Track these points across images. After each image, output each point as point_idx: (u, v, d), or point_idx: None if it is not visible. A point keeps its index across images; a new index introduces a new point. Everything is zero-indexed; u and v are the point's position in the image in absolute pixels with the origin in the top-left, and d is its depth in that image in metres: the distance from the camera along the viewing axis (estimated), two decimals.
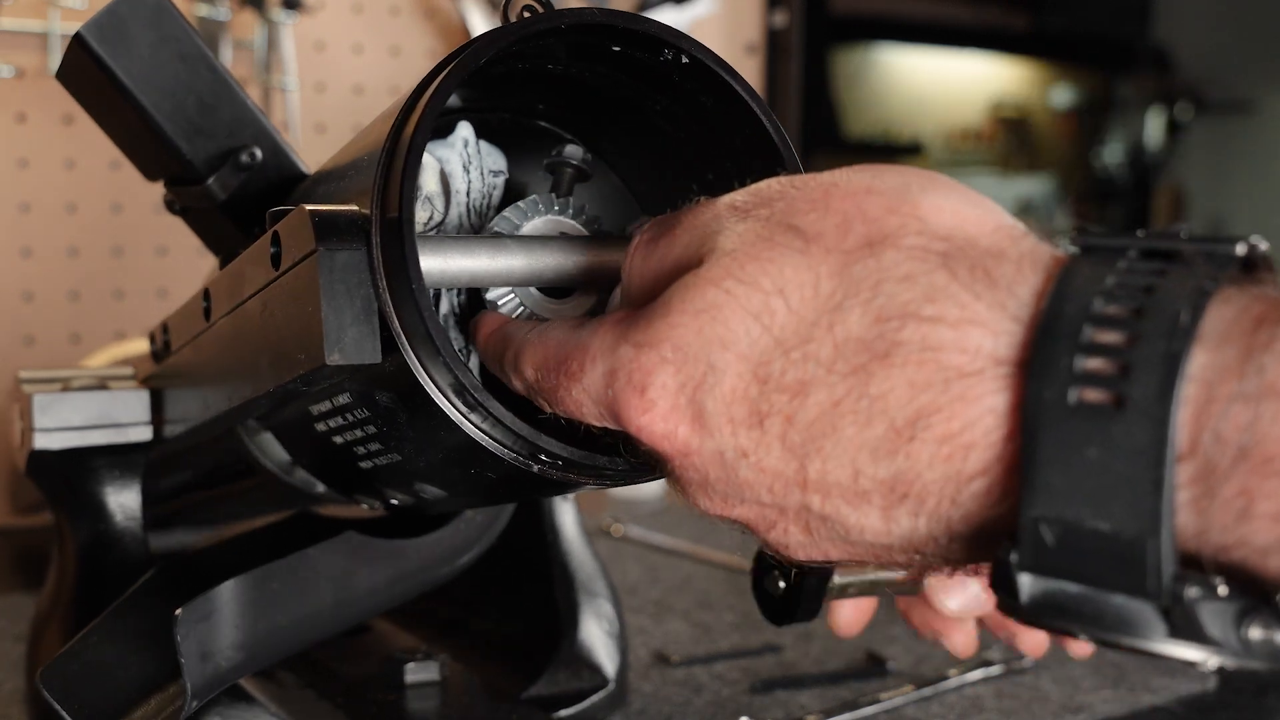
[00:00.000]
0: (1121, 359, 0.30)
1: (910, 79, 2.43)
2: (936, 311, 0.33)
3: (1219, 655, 0.30)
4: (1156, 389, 0.29)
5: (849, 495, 0.35)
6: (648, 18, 0.45)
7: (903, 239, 0.34)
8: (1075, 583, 0.31)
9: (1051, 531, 0.31)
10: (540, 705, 0.65)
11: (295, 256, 0.43)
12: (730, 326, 0.35)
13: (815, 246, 0.35)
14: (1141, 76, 2.75)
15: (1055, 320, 0.31)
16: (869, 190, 0.36)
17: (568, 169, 0.50)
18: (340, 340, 0.41)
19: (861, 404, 0.34)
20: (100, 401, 0.66)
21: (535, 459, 0.44)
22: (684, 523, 1.16)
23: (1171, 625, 0.30)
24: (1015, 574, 0.32)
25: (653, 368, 0.37)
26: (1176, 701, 0.73)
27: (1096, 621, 0.31)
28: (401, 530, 0.61)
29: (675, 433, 0.37)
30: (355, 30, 1.34)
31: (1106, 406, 0.30)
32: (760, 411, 0.35)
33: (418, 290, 0.41)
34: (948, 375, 0.32)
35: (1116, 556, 0.30)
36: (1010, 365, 0.32)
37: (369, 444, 0.49)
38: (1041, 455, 0.31)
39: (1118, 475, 0.30)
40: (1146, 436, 0.29)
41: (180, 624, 0.52)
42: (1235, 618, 0.30)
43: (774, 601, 0.52)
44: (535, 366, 0.41)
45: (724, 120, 0.47)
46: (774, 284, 0.35)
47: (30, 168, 1.21)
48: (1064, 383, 0.31)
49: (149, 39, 0.56)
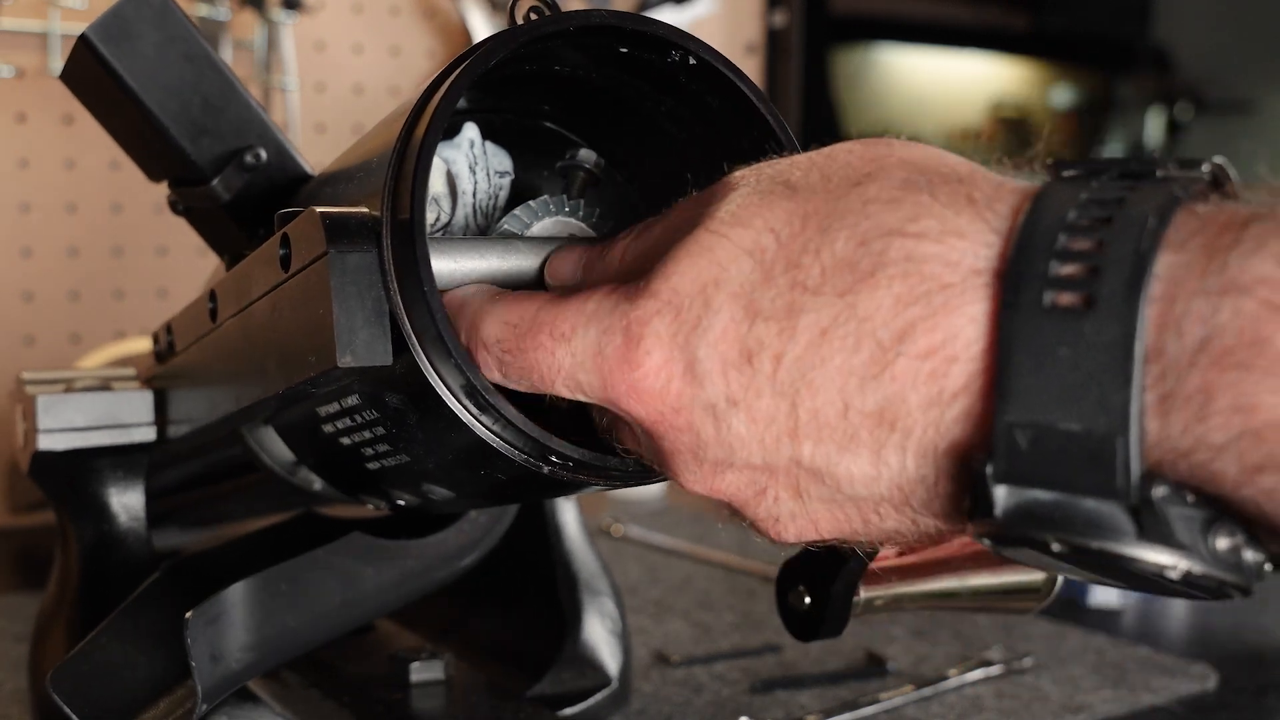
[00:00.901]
0: (1092, 262, 0.31)
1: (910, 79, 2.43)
2: (920, 228, 0.34)
3: (1187, 560, 0.30)
4: (1124, 287, 0.30)
5: (839, 437, 0.35)
6: (655, 19, 0.45)
7: (885, 174, 0.36)
8: (1048, 489, 0.31)
9: (1025, 436, 0.31)
10: (544, 704, 0.66)
11: (305, 258, 0.43)
12: (724, 265, 0.37)
13: (803, 192, 0.37)
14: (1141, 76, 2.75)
15: (1031, 230, 0.32)
16: (850, 149, 0.38)
17: (580, 173, 0.50)
18: (352, 342, 0.41)
19: (849, 326, 0.34)
20: (104, 402, 0.66)
21: (546, 460, 0.44)
22: (684, 523, 1.16)
23: (1140, 526, 0.30)
24: (991, 486, 0.32)
25: (649, 317, 0.37)
26: (1176, 701, 0.73)
27: (1068, 526, 0.31)
28: (406, 530, 0.61)
29: (668, 388, 0.37)
30: (355, 30, 1.34)
31: (1078, 307, 0.31)
32: (749, 349, 0.36)
33: (429, 292, 0.41)
34: (930, 287, 0.33)
35: (1087, 456, 0.30)
36: (989, 275, 0.33)
37: (377, 445, 0.49)
38: (1015, 359, 0.31)
39: (1088, 373, 0.30)
40: (1115, 332, 0.30)
41: (191, 626, 0.52)
42: (1202, 526, 0.30)
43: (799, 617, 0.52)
44: (505, 324, 0.41)
45: (730, 121, 0.47)
46: (765, 223, 0.37)
47: (30, 168, 1.21)
48: (1038, 287, 0.31)
49: (154, 40, 0.56)
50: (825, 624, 0.51)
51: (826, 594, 0.51)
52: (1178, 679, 0.76)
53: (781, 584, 0.53)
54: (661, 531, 1.12)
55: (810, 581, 0.51)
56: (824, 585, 0.51)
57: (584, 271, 0.44)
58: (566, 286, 0.44)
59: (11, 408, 0.71)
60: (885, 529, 0.37)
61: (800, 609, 0.52)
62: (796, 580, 0.52)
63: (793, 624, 0.52)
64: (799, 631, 0.52)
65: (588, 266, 0.44)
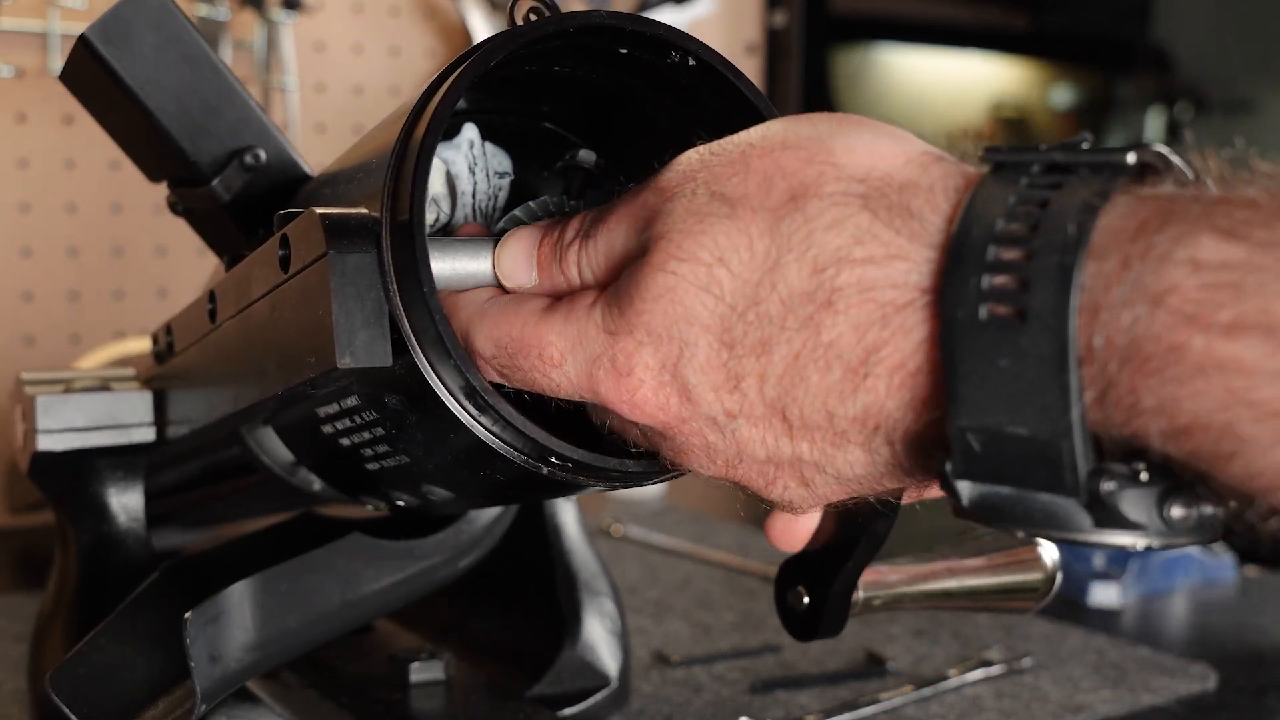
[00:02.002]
0: (1021, 274, 0.32)
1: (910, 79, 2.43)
2: (865, 253, 0.35)
3: (1144, 538, 0.32)
4: (1053, 300, 0.31)
5: (830, 436, 0.37)
6: (655, 20, 0.45)
7: (823, 187, 0.36)
8: (1005, 485, 0.33)
9: (977, 439, 0.33)
10: (544, 704, 0.66)
11: (305, 259, 0.43)
12: (687, 305, 0.37)
13: (742, 209, 0.37)
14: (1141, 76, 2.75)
15: (962, 243, 0.33)
16: (784, 144, 0.38)
17: (579, 173, 0.50)
18: (351, 343, 0.41)
19: (818, 352, 0.36)
20: (103, 403, 0.66)
21: (545, 461, 0.44)
22: (684, 523, 1.16)
23: (1095, 517, 0.32)
24: (954, 481, 0.34)
25: (632, 352, 0.39)
26: (1176, 701, 0.73)
27: (1028, 520, 0.33)
28: (405, 531, 0.61)
29: (667, 406, 0.39)
30: (355, 30, 1.34)
31: (1012, 319, 0.32)
32: (736, 374, 0.37)
33: (429, 293, 0.41)
34: (885, 312, 0.34)
35: (1036, 458, 0.32)
36: (931, 293, 0.34)
37: (377, 446, 0.49)
38: (960, 369, 0.33)
39: (1028, 382, 0.32)
40: (1049, 345, 0.31)
41: (190, 626, 0.52)
42: (1158, 500, 0.32)
43: (797, 616, 0.52)
44: (496, 343, 0.42)
45: (729, 122, 0.47)
46: (712, 254, 0.37)
47: (30, 168, 1.21)
48: (973, 301, 0.33)
49: (153, 41, 0.56)
50: (824, 623, 0.51)
51: (825, 593, 0.51)
52: (1178, 679, 0.76)
53: (780, 583, 0.52)
54: (661, 531, 1.12)
55: (809, 581, 0.51)
56: (823, 585, 0.51)
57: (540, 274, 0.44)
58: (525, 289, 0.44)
59: (11, 408, 0.71)
60: (890, 489, 0.39)
61: (799, 608, 0.52)
62: (795, 580, 0.52)
63: (791, 623, 0.52)
64: (797, 631, 0.52)
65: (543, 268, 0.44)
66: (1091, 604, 0.92)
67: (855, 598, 0.52)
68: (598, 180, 0.51)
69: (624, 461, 0.44)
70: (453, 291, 0.45)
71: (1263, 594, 0.97)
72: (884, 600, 0.52)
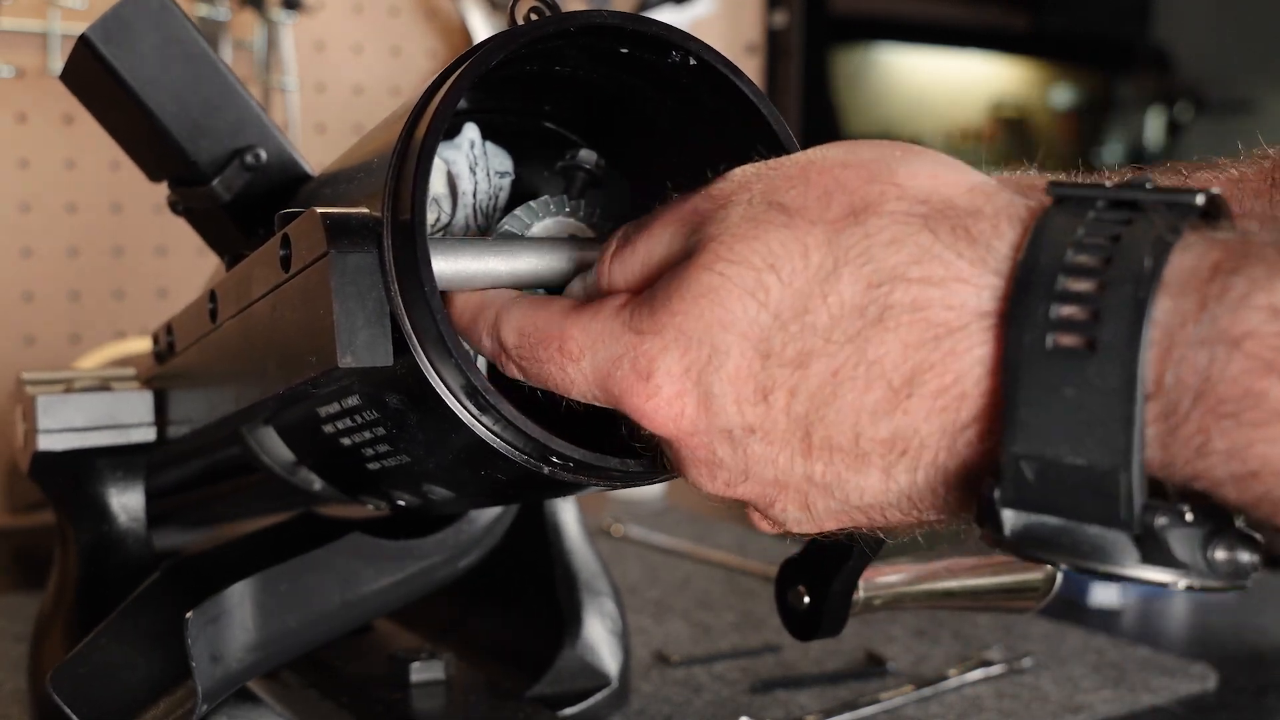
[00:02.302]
0: (1093, 305, 0.32)
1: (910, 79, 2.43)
2: (923, 272, 0.35)
3: (1187, 577, 0.32)
4: (1125, 333, 0.31)
5: (850, 458, 0.37)
6: (656, 20, 0.45)
7: (884, 205, 0.36)
8: (1054, 515, 0.33)
9: (1031, 468, 0.33)
10: (544, 704, 0.66)
11: (306, 259, 0.43)
12: (729, 307, 0.37)
13: (799, 219, 0.37)
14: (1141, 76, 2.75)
15: (1031, 271, 0.33)
16: (845, 164, 0.37)
17: (580, 173, 0.50)
18: (352, 343, 0.41)
19: (860, 370, 0.35)
20: (104, 403, 0.66)
21: (546, 461, 0.44)
22: (684, 523, 1.16)
23: (1143, 551, 0.32)
24: (999, 509, 0.34)
25: (656, 354, 0.38)
26: (1176, 701, 0.73)
27: (1074, 551, 0.33)
28: (406, 530, 0.61)
29: (682, 415, 0.38)
30: (355, 30, 1.34)
31: (1080, 350, 0.32)
32: (765, 387, 0.37)
33: (430, 292, 0.41)
34: (938, 332, 0.34)
35: (1091, 489, 0.32)
36: (993, 317, 0.34)
37: (378, 445, 0.49)
38: (1021, 396, 0.33)
39: (1092, 413, 0.32)
40: (1117, 377, 0.32)
41: (191, 626, 0.52)
42: (1201, 541, 0.32)
43: (798, 616, 0.52)
44: (521, 332, 0.42)
45: (731, 122, 0.47)
46: (764, 260, 0.37)
47: (30, 168, 1.21)
48: (1041, 329, 0.33)
49: (154, 40, 0.56)
50: (824, 623, 0.51)
51: (826, 593, 0.51)
52: (1178, 679, 0.76)
53: (781, 583, 0.52)
54: (661, 531, 1.12)
55: (810, 580, 0.51)
56: (823, 584, 0.51)
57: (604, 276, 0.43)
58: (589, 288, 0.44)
59: (11, 408, 0.71)
60: (887, 525, 0.39)
61: (799, 608, 0.52)
62: (796, 579, 0.52)
63: (792, 623, 0.52)
64: (798, 630, 0.52)
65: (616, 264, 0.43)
66: (1091, 604, 0.92)
67: (856, 597, 0.52)
68: (598, 180, 0.51)
69: (626, 461, 0.44)
70: (479, 290, 0.45)
71: (1263, 594, 0.97)
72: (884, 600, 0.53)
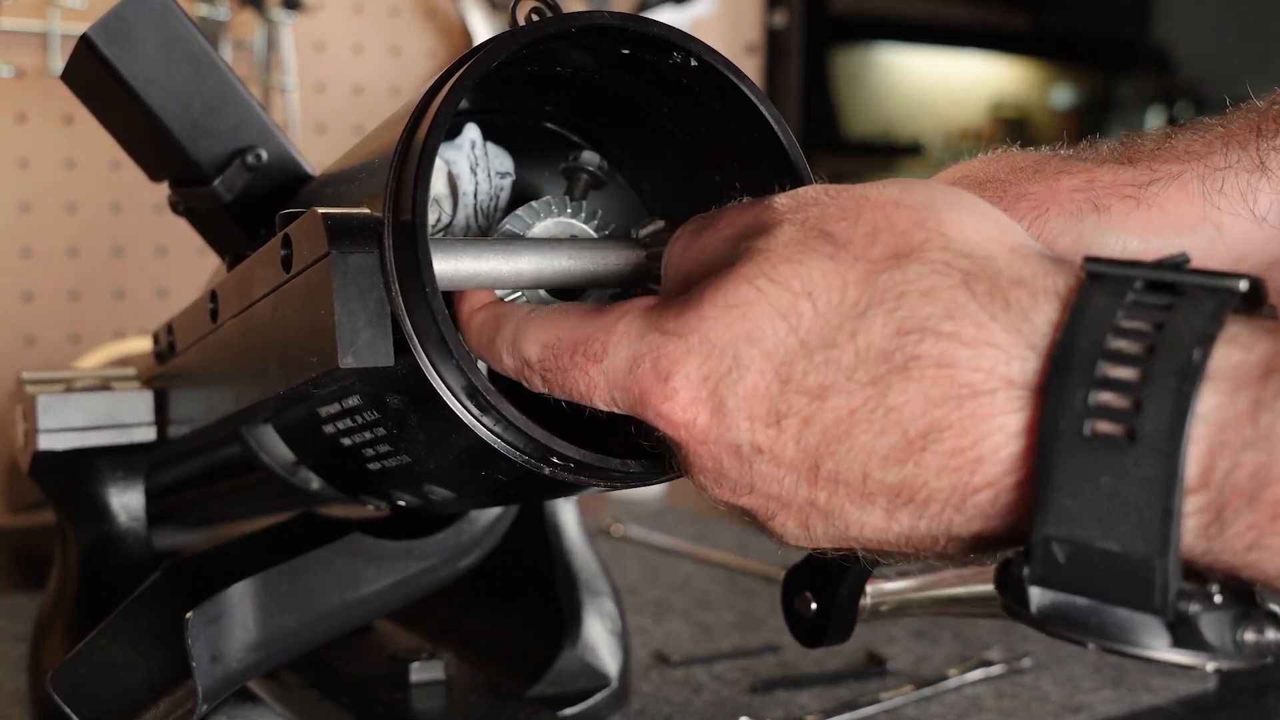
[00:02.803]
0: (1134, 394, 0.32)
1: (910, 79, 2.42)
2: (954, 329, 0.35)
3: (1216, 660, 0.33)
4: (1167, 425, 0.32)
5: (855, 495, 0.37)
6: (658, 21, 0.45)
7: (927, 253, 0.36)
8: (1084, 596, 0.33)
9: (1062, 550, 0.33)
10: (544, 704, 0.66)
11: (307, 259, 0.43)
12: (759, 323, 0.37)
13: (844, 253, 0.37)
14: (1141, 76, 2.75)
15: (1071, 353, 0.33)
16: (897, 204, 0.38)
17: (583, 175, 0.50)
18: (353, 343, 0.42)
19: (877, 414, 0.35)
20: (104, 402, 0.66)
21: (547, 461, 0.44)
22: (684, 523, 1.16)
23: (1175, 636, 0.33)
24: (1027, 586, 0.34)
25: (679, 356, 0.38)
26: (1176, 702, 0.73)
27: (1103, 632, 0.33)
28: (406, 531, 0.61)
29: (694, 421, 0.38)
30: (355, 30, 1.34)
31: (1119, 439, 0.32)
32: (779, 411, 0.37)
33: (431, 293, 0.41)
34: (961, 393, 0.34)
35: (1125, 575, 0.33)
36: (1025, 390, 0.34)
37: (378, 446, 0.49)
38: (1056, 480, 0.33)
39: (1128, 502, 0.32)
40: (1157, 469, 0.32)
41: (191, 626, 0.52)
42: (1231, 624, 0.33)
43: (805, 622, 0.52)
44: (544, 345, 0.42)
45: (731, 122, 0.47)
46: (803, 286, 0.37)
47: (30, 168, 1.21)
48: (1079, 414, 0.33)
49: (155, 40, 0.56)
50: (831, 629, 0.51)
51: (833, 599, 0.51)
52: (1178, 679, 0.76)
53: (787, 589, 0.52)
54: (661, 531, 1.12)
55: (816, 587, 0.51)
56: (830, 590, 0.51)
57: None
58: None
59: (11, 408, 0.71)
60: (884, 555, 0.39)
61: (806, 614, 0.51)
62: (802, 585, 0.52)
63: (799, 630, 0.52)
64: (805, 637, 0.52)
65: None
66: None
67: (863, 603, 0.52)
68: (600, 182, 0.51)
69: (626, 462, 0.44)
70: (494, 302, 0.45)
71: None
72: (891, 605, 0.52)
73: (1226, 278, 0.34)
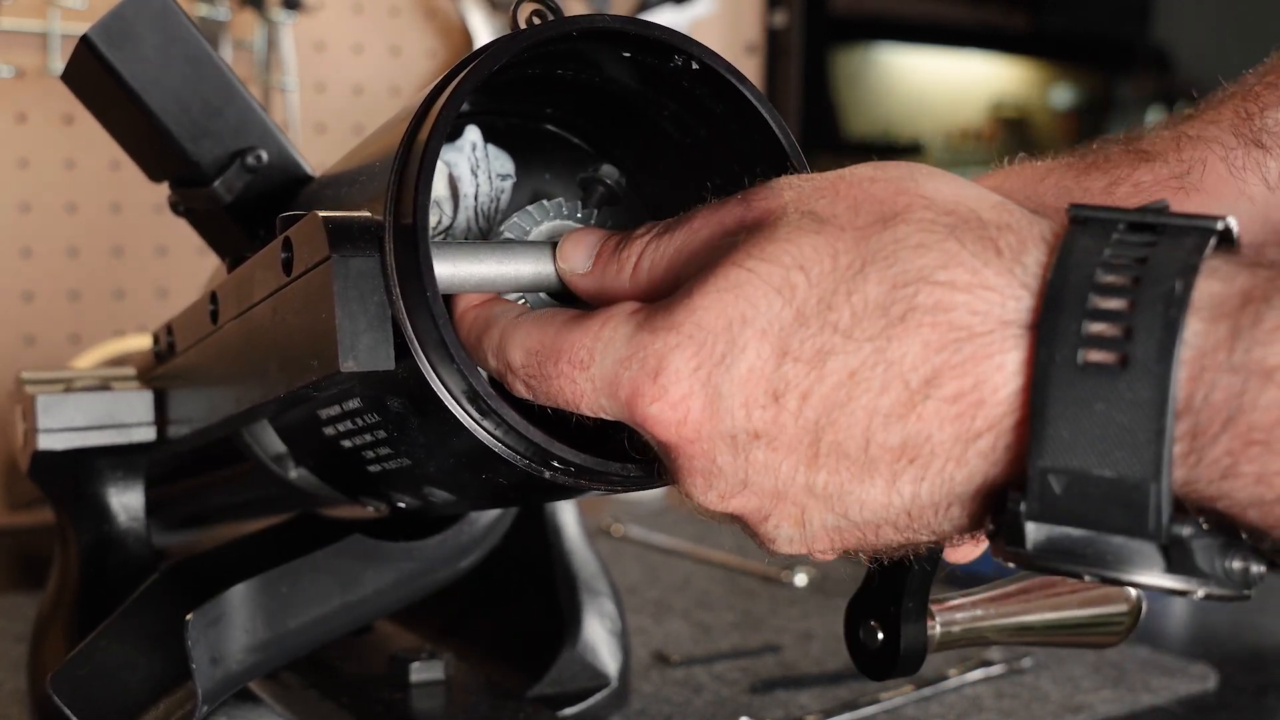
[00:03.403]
0: (1124, 323, 0.33)
1: (910, 79, 2.42)
2: (949, 277, 0.35)
3: (1207, 586, 0.33)
4: (1157, 349, 0.32)
5: (856, 467, 0.37)
6: (659, 24, 0.45)
7: (911, 214, 0.37)
8: (1079, 527, 0.34)
9: (1059, 481, 0.34)
10: (544, 704, 0.66)
11: (308, 262, 0.43)
12: (753, 302, 0.37)
13: (830, 226, 0.37)
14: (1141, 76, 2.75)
15: (1062, 289, 0.34)
16: (873, 179, 0.38)
17: (600, 187, 0.50)
18: (354, 347, 0.41)
19: (877, 371, 0.36)
20: (104, 402, 0.66)
21: (548, 465, 0.44)
22: (684, 523, 1.16)
23: (1169, 560, 0.33)
24: (1023, 523, 0.34)
25: (669, 351, 0.38)
26: (1176, 701, 0.73)
27: (1099, 561, 0.34)
28: (405, 532, 0.61)
29: (685, 418, 0.38)
30: (355, 30, 1.34)
31: (1112, 366, 0.33)
32: (777, 389, 0.37)
33: (432, 297, 0.41)
34: (959, 336, 0.35)
35: (1120, 500, 0.33)
36: (1019, 328, 0.35)
37: (378, 448, 0.49)
38: (1051, 411, 0.33)
39: (1122, 427, 0.33)
40: (1149, 391, 0.32)
41: (191, 628, 0.52)
42: (1220, 551, 0.33)
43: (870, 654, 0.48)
44: (528, 351, 0.42)
45: (732, 125, 0.47)
46: (794, 260, 0.37)
47: (30, 168, 1.21)
48: (1072, 345, 0.33)
49: (155, 41, 0.56)
50: (901, 661, 0.48)
51: (899, 629, 0.47)
52: (1178, 679, 0.76)
53: (851, 619, 0.49)
54: (661, 531, 1.12)
55: (882, 615, 0.48)
56: (897, 619, 0.48)
57: (596, 263, 0.44)
58: (575, 274, 0.45)
59: (11, 408, 0.71)
60: (880, 545, 0.39)
61: (872, 646, 0.48)
62: (867, 614, 0.48)
63: (863, 662, 0.49)
64: (872, 670, 0.49)
65: (601, 259, 0.44)
66: None
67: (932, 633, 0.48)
68: (617, 197, 0.51)
69: (626, 466, 0.44)
70: (485, 303, 0.45)
71: (1263, 594, 0.97)
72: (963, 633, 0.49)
73: (1204, 218, 0.35)
